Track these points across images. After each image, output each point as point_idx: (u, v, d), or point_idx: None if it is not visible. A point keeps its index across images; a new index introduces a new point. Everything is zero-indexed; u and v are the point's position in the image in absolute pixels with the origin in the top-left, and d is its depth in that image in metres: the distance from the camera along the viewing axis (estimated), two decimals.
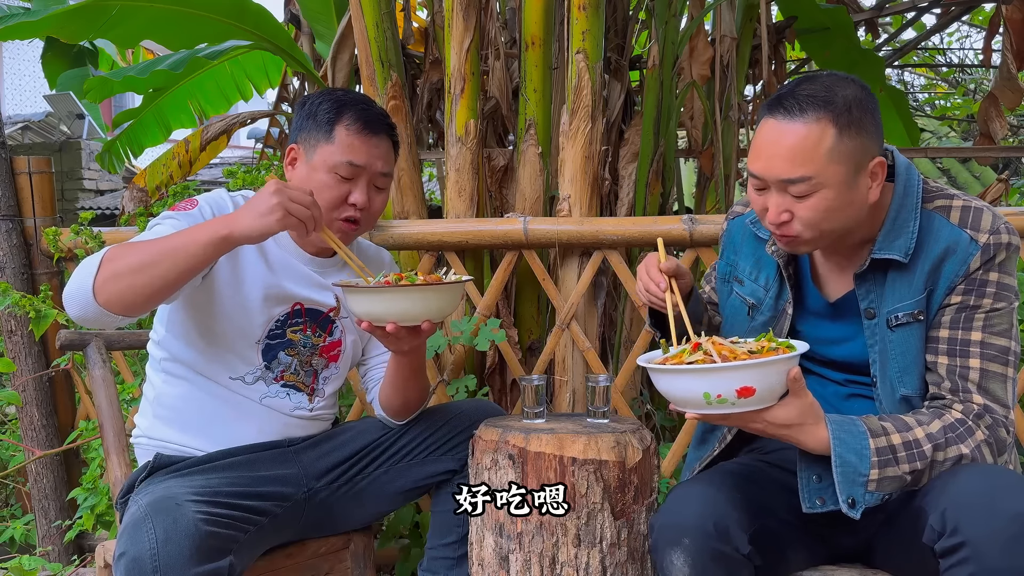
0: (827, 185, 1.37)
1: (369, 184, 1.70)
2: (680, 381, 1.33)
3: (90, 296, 1.46)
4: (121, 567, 1.40)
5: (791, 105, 1.37)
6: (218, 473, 1.64)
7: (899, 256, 1.44)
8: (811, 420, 1.36)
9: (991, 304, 1.42)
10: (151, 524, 1.41)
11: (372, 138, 1.69)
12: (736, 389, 1.28)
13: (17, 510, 2.96)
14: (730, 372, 1.28)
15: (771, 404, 1.33)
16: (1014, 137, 6.68)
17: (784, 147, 1.37)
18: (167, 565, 1.37)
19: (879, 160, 1.40)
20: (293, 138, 1.75)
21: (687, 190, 4.93)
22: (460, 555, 1.78)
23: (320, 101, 1.71)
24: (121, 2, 2.77)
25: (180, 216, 1.64)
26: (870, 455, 1.34)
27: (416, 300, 1.57)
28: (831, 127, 1.35)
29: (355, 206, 1.68)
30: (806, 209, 1.38)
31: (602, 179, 2.57)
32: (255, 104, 4.32)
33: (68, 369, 2.69)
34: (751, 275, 1.63)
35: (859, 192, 1.40)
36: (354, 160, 1.67)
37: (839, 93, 1.37)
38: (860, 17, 3.87)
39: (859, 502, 1.35)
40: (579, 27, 2.36)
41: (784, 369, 1.31)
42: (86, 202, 8.06)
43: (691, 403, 1.33)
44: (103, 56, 5.34)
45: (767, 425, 1.35)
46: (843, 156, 1.36)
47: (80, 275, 1.49)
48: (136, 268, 1.46)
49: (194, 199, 1.69)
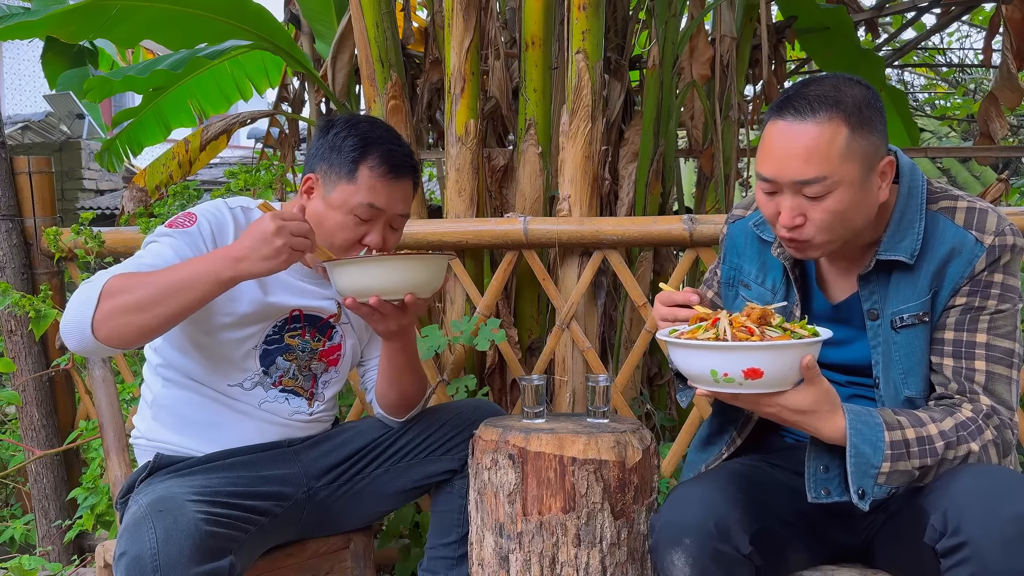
0: (842, 184, 1.35)
1: (386, 225, 1.67)
2: (690, 356, 1.33)
3: (88, 332, 1.45)
4: (122, 567, 1.40)
5: (801, 106, 1.36)
6: (218, 473, 1.64)
7: (905, 257, 1.43)
8: (827, 408, 1.35)
9: (995, 306, 1.42)
10: (152, 524, 1.41)
11: (396, 181, 1.65)
12: (743, 370, 1.27)
13: (17, 510, 2.96)
14: (738, 352, 1.27)
15: (785, 389, 1.32)
16: (1014, 137, 6.68)
17: (798, 148, 1.35)
18: (167, 565, 1.37)
19: (888, 159, 1.40)
20: (312, 166, 1.68)
21: (687, 190, 4.92)
22: (460, 555, 1.78)
23: (345, 135, 1.65)
24: (121, 2, 2.77)
25: (178, 235, 1.61)
26: (884, 447, 1.34)
27: (398, 270, 1.55)
28: (843, 125, 1.34)
29: (368, 247, 1.65)
30: (821, 211, 1.37)
31: (602, 179, 2.57)
32: (255, 104, 4.33)
33: (68, 369, 2.69)
34: (757, 279, 1.62)
35: (871, 192, 1.39)
36: (375, 203, 1.63)
37: (847, 93, 1.36)
38: (860, 17, 3.87)
39: (868, 494, 1.34)
40: (579, 27, 2.36)
41: (796, 355, 1.29)
42: (86, 202, 8.06)
43: (700, 379, 1.33)
44: (103, 56, 5.33)
45: (781, 410, 1.34)
46: (856, 155, 1.35)
47: (78, 308, 1.46)
48: (136, 307, 1.45)
49: (191, 214, 1.65)
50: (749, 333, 1.31)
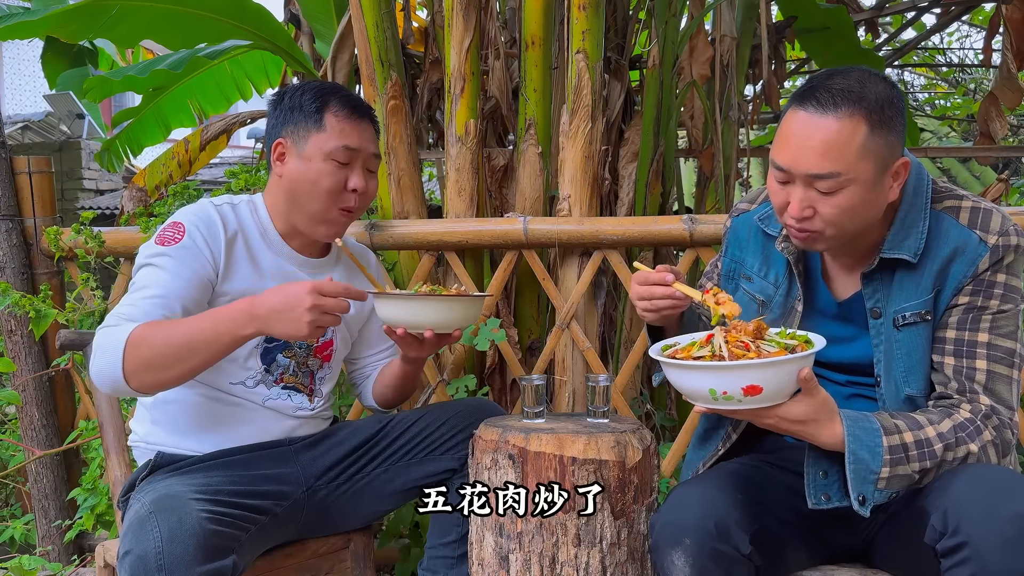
0: (855, 182, 1.35)
1: (363, 167, 1.73)
2: (687, 377, 1.33)
3: (122, 383, 1.51)
4: (126, 565, 1.39)
5: (824, 98, 1.35)
6: (219, 472, 1.64)
7: (908, 256, 1.43)
8: (825, 416, 1.35)
9: (998, 305, 1.42)
10: (156, 522, 1.41)
11: (360, 122, 1.74)
12: (742, 387, 1.28)
13: (17, 510, 2.95)
14: (737, 371, 1.28)
15: (782, 401, 1.33)
16: (1014, 137, 6.68)
17: (816, 141, 1.35)
18: (172, 564, 1.37)
19: (903, 160, 1.40)
20: (276, 134, 1.74)
21: (687, 190, 4.92)
22: (460, 554, 1.78)
23: (301, 94, 1.73)
24: (121, 2, 2.77)
25: (173, 252, 1.61)
26: (883, 453, 1.34)
27: (455, 309, 1.70)
28: (864, 123, 1.34)
29: (355, 191, 1.71)
30: (830, 206, 1.37)
31: (602, 179, 2.57)
32: (255, 104, 4.31)
33: (68, 369, 2.69)
34: (760, 272, 1.62)
35: (882, 191, 1.39)
36: (349, 144, 1.70)
37: (871, 89, 1.35)
38: (860, 17, 3.87)
39: (869, 499, 1.35)
40: (579, 27, 2.36)
41: (794, 369, 1.30)
42: (86, 202, 8.05)
43: (698, 397, 1.34)
44: (103, 56, 5.32)
45: (779, 420, 1.35)
46: (873, 154, 1.35)
47: (107, 358, 1.50)
48: (161, 365, 1.50)
49: (179, 223, 1.65)
50: (745, 349, 1.31)
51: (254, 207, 1.76)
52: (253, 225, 1.73)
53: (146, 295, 1.58)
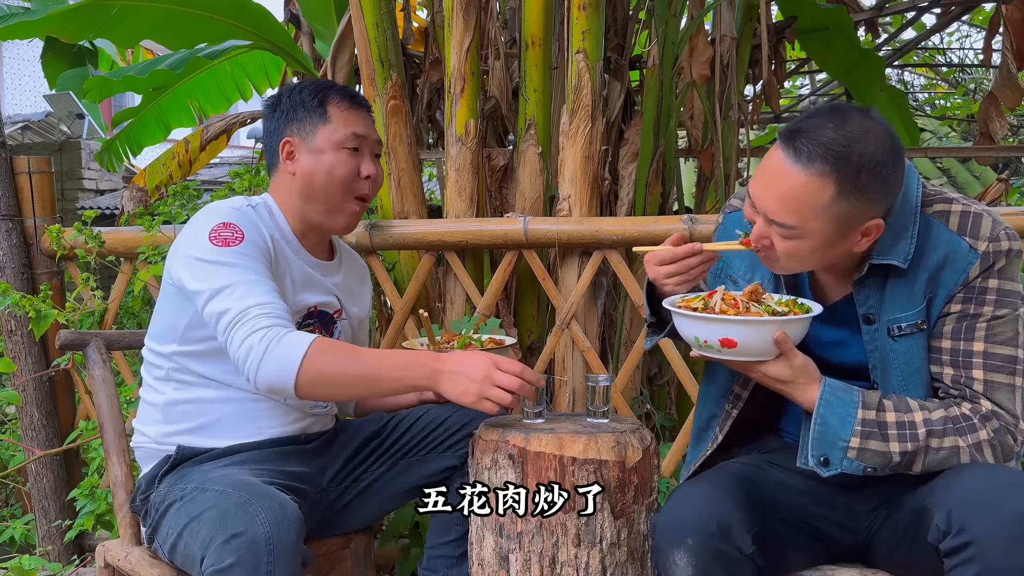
0: (808, 237, 1.37)
1: (371, 154, 1.77)
2: (679, 322, 1.47)
3: (291, 388, 1.52)
4: (232, 548, 1.39)
5: (803, 148, 1.33)
6: (246, 465, 1.66)
7: (898, 261, 1.42)
8: (803, 380, 1.42)
9: (992, 312, 1.40)
10: (258, 507, 1.43)
11: (361, 110, 1.78)
12: (719, 339, 1.40)
13: (17, 510, 2.95)
14: (714, 323, 1.41)
15: (766, 359, 1.40)
16: (1014, 137, 6.67)
17: (782, 188, 1.35)
18: (280, 547, 1.39)
19: (876, 222, 1.38)
20: (281, 135, 1.75)
21: (687, 190, 4.92)
22: (460, 553, 1.78)
23: (300, 92, 1.76)
24: (121, 2, 2.77)
25: (241, 258, 1.59)
26: (854, 423, 1.38)
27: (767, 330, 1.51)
28: (832, 186, 1.32)
29: (369, 178, 1.75)
30: (784, 247, 1.40)
31: (602, 179, 2.57)
32: (255, 104, 4.30)
33: (68, 369, 2.69)
34: (746, 276, 1.61)
35: (843, 246, 1.40)
36: (357, 130, 1.74)
37: (859, 150, 1.31)
38: (860, 17, 3.87)
39: (834, 463, 1.39)
40: (579, 27, 2.36)
41: (768, 330, 1.38)
42: (86, 202, 8.04)
43: (690, 342, 1.47)
44: (103, 56, 5.33)
45: (763, 376, 1.44)
46: (833, 216, 1.34)
47: (285, 360, 1.50)
48: (339, 383, 1.55)
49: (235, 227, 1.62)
50: (735, 307, 1.42)
51: (269, 209, 1.75)
52: (275, 227, 1.73)
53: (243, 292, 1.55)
